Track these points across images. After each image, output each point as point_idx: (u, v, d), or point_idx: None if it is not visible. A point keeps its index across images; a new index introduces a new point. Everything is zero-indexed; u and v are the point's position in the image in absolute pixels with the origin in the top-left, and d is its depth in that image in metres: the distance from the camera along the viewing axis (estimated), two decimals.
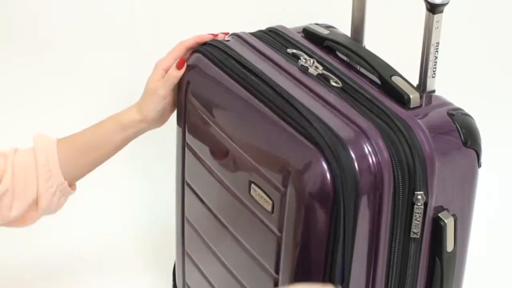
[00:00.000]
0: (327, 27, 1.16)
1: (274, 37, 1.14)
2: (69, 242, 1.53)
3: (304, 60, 1.04)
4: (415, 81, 1.02)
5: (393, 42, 1.53)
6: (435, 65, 1.01)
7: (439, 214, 0.95)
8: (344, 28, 1.16)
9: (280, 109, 0.95)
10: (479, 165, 0.98)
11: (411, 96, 0.97)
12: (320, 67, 1.03)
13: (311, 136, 0.90)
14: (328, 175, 0.87)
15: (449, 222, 0.95)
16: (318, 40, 1.12)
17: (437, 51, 1.00)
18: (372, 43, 1.14)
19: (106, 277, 1.47)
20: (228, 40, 1.12)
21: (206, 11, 1.65)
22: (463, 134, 0.95)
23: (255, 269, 1.00)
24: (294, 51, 1.08)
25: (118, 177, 1.58)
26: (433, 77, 1.02)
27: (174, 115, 1.15)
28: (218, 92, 1.05)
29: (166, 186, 1.28)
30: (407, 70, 1.02)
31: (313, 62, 1.04)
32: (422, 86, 1.02)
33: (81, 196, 1.15)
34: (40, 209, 1.08)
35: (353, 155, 0.88)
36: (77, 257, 1.51)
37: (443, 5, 0.97)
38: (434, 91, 1.02)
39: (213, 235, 1.12)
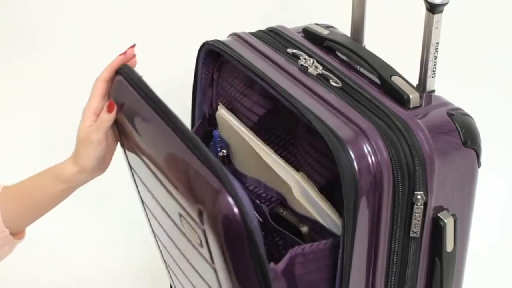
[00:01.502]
0: (327, 27, 1.16)
1: (274, 37, 1.14)
2: (66, 262, 1.53)
3: (304, 60, 1.04)
4: (415, 81, 1.02)
5: (393, 42, 1.53)
6: (435, 65, 1.01)
7: (438, 214, 0.95)
8: (344, 28, 1.16)
9: (186, 136, 0.85)
10: (479, 165, 0.98)
11: (410, 96, 0.97)
12: (320, 67, 1.03)
13: (213, 169, 0.80)
14: (235, 210, 0.78)
15: (448, 222, 0.95)
16: (318, 40, 1.12)
17: (437, 51, 1.00)
18: (372, 43, 1.14)
19: None
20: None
21: (207, 11, 1.65)
22: (462, 134, 0.95)
23: None
24: (294, 51, 1.08)
25: (115, 188, 1.57)
26: (433, 77, 1.02)
27: None
28: (135, 116, 0.97)
29: None
30: (407, 70, 1.02)
31: (313, 62, 1.04)
32: (422, 86, 1.02)
33: (80, 213, 1.12)
34: None
35: (352, 155, 0.88)
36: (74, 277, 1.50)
37: (443, 5, 0.97)
38: (434, 91, 1.02)
39: (176, 256, 1.06)
